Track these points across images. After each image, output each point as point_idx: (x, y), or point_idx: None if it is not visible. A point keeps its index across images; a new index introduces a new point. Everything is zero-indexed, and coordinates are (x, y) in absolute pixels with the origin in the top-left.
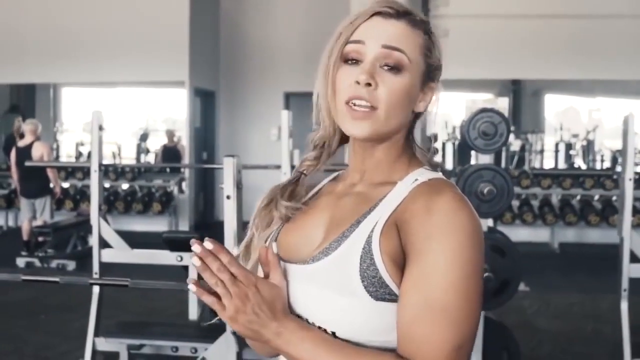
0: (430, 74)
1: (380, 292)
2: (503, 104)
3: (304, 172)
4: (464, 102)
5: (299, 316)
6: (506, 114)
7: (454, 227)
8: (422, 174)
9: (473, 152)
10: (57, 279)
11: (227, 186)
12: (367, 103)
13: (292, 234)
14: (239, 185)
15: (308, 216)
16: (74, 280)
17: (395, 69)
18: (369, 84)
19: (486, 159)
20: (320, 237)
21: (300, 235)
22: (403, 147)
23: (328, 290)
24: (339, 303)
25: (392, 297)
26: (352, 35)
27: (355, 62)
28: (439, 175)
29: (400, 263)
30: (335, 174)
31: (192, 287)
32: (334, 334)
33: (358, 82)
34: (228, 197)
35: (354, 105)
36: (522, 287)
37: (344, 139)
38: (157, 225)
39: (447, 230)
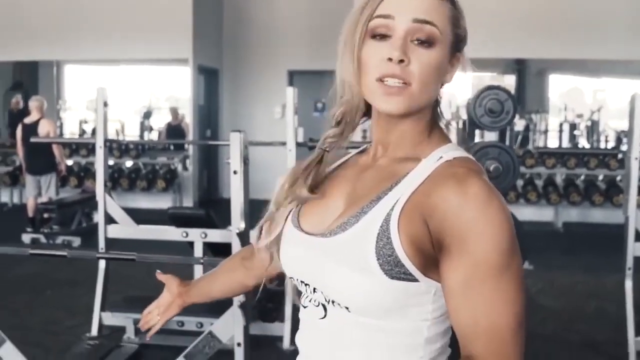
0: (457, 45)
1: (395, 270)
2: (510, 82)
3: (327, 149)
4: (469, 81)
5: (314, 289)
6: (512, 92)
7: (491, 217)
8: (447, 152)
9: (477, 131)
10: (64, 253)
11: (233, 161)
12: (401, 80)
13: (314, 205)
14: (245, 160)
15: (331, 188)
16: (81, 254)
17: (427, 43)
18: (402, 61)
19: (492, 137)
20: (340, 209)
21: (321, 207)
22: (429, 121)
23: (344, 265)
24: (354, 279)
25: (407, 277)
26: (378, 9)
27: (383, 37)
28: (464, 153)
29: (423, 246)
30: (363, 146)
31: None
32: (347, 308)
33: (390, 59)
34: (235, 172)
35: (387, 82)
36: (526, 265)
37: (367, 112)
38: (161, 202)
39: (486, 222)
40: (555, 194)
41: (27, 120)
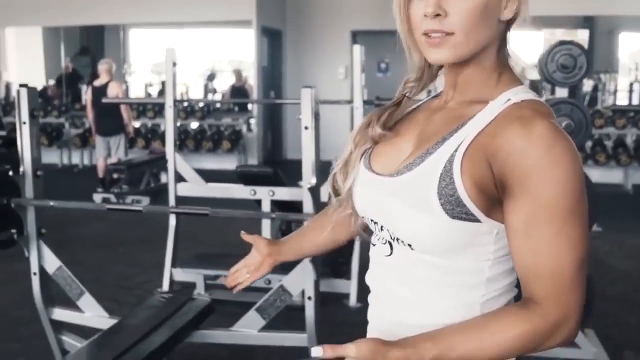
0: None
1: (456, 210)
2: (583, 37)
3: (407, 94)
4: (538, 38)
5: (382, 227)
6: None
7: (557, 158)
8: (516, 94)
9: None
10: (140, 208)
11: (304, 117)
12: (441, 33)
13: (385, 147)
14: (316, 116)
15: (403, 130)
16: (156, 209)
17: None
18: (437, 15)
19: (563, 94)
20: (409, 151)
21: (392, 148)
22: (495, 62)
23: (408, 204)
24: (417, 218)
25: (468, 217)
26: None
27: None
28: (533, 95)
29: (485, 188)
30: (439, 91)
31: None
32: (410, 246)
33: (426, 15)
34: (306, 128)
35: (430, 36)
36: (595, 227)
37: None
38: (226, 163)
39: (550, 162)
40: (625, 155)
41: (97, 83)
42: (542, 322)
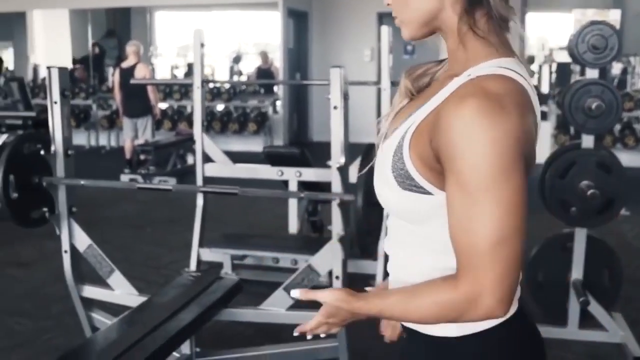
0: None
1: (407, 183)
2: (615, 17)
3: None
4: (568, 19)
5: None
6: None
7: (475, 136)
8: (481, 69)
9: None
10: (169, 187)
11: (333, 97)
12: (395, 17)
13: (406, 107)
14: (345, 96)
15: (414, 99)
16: (185, 188)
17: None
18: (389, 4)
19: (594, 75)
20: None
21: (399, 116)
22: (460, 35)
23: (377, 174)
24: (383, 188)
25: (419, 189)
26: None
27: None
28: (498, 70)
29: (431, 163)
30: None
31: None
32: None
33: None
34: (335, 108)
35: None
36: (623, 211)
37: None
38: (252, 144)
39: (468, 140)
40: None
41: (124, 64)
42: (454, 294)
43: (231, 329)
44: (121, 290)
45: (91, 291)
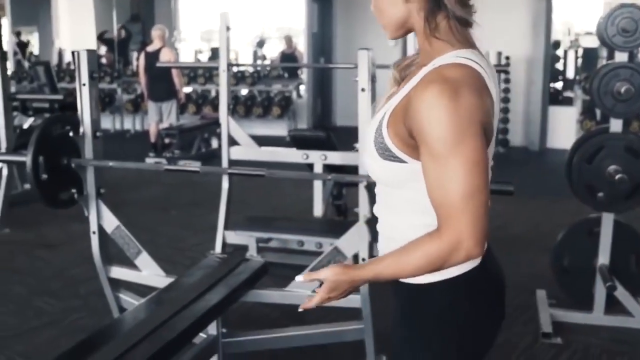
0: None
1: (386, 154)
2: None
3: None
4: (598, 2)
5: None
6: None
7: (436, 114)
8: (445, 59)
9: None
10: (197, 169)
11: (361, 79)
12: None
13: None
14: (373, 78)
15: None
16: (212, 169)
17: None
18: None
19: (623, 58)
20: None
21: (386, 101)
22: (423, 34)
23: (364, 148)
24: (367, 158)
25: (396, 159)
26: None
27: None
28: (458, 59)
29: (405, 139)
30: None
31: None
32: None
33: None
34: (362, 90)
35: None
36: None
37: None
38: (276, 128)
39: (431, 118)
40: None
41: (150, 48)
42: (439, 243)
43: (257, 311)
44: (148, 271)
45: (119, 272)
